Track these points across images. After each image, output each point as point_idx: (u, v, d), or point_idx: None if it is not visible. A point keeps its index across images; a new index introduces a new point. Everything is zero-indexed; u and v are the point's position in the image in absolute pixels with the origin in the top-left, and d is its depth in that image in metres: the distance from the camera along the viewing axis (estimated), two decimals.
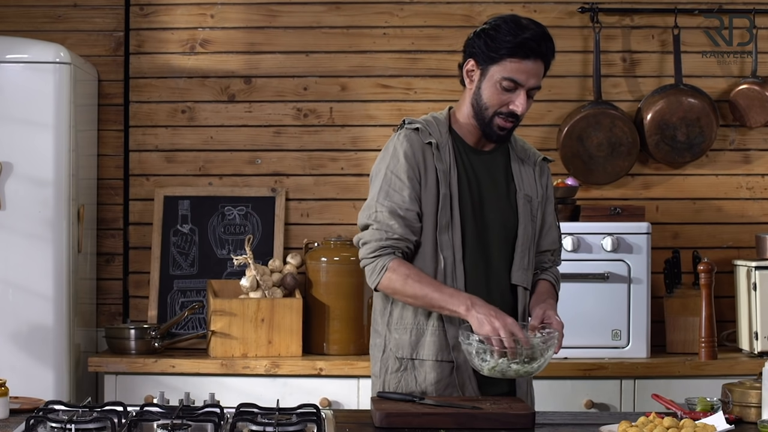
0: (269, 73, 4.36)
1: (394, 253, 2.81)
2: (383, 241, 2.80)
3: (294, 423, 2.42)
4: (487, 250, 2.88)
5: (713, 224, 4.39)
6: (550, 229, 3.01)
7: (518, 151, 2.98)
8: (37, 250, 3.82)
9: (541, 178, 2.98)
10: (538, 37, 2.79)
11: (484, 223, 2.87)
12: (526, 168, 2.96)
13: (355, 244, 2.90)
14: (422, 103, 4.34)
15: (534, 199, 2.94)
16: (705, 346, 3.97)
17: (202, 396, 2.76)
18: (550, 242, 3.01)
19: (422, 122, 2.90)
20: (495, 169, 2.92)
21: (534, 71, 2.80)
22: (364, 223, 2.87)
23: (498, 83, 2.80)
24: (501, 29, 2.79)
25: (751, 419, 2.63)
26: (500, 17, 2.84)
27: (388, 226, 2.80)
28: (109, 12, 4.36)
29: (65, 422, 2.36)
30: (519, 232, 2.90)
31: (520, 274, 2.90)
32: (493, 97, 2.82)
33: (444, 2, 4.36)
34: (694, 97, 4.27)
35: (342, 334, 4.03)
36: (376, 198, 2.84)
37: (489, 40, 2.80)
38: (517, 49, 2.77)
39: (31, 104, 3.82)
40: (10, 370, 3.53)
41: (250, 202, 4.33)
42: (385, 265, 2.79)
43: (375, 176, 2.90)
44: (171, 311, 4.23)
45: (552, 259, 3.04)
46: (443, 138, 2.88)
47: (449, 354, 2.84)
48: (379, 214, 2.82)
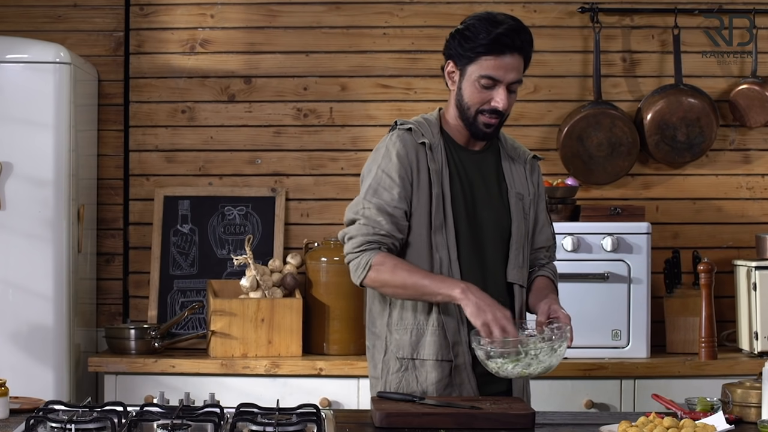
0: (269, 73, 4.36)
1: (380, 248, 2.81)
2: (370, 236, 2.81)
3: (294, 423, 2.42)
4: (482, 249, 2.88)
5: (713, 224, 4.39)
6: (544, 226, 3.02)
7: (508, 150, 2.98)
8: (37, 250, 3.82)
9: (532, 176, 2.99)
10: (511, 31, 2.78)
11: (477, 222, 2.88)
12: (516, 166, 2.96)
13: (339, 239, 2.90)
14: (422, 103, 4.34)
15: (526, 197, 2.95)
16: (705, 346, 3.97)
17: (202, 396, 2.75)
18: (544, 239, 3.02)
19: (414, 123, 2.91)
20: (486, 168, 2.93)
21: (511, 66, 2.79)
22: (350, 218, 2.87)
23: (476, 82, 2.81)
24: (474, 28, 2.80)
25: (751, 419, 2.63)
26: (474, 15, 2.85)
27: (375, 222, 2.81)
28: (109, 12, 4.36)
29: (65, 422, 2.36)
30: (513, 230, 2.90)
31: (515, 272, 2.91)
32: (474, 96, 2.83)
33: (444, 2, 4.36)
34: (694, 97, 4.27)
35: (342, 334, 4.03)
36: (365, 195, 2.85)
37: (463, 41, 2.81)
38: (491, 46, 2.77)
39: (31, 104, 3.82)
40: (10, 370, 3.53)
41: (250, 202, 4.33)
42: (370, 259, 2.79)
43: (366, 175, 2.91)
44: (171, 311, 4.23)
45: (547, 255, 3.05)
46: (435, 138, 2.89)
47: (449, 353, 2.84)
48: (367, 210, 2.83)
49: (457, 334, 2.83)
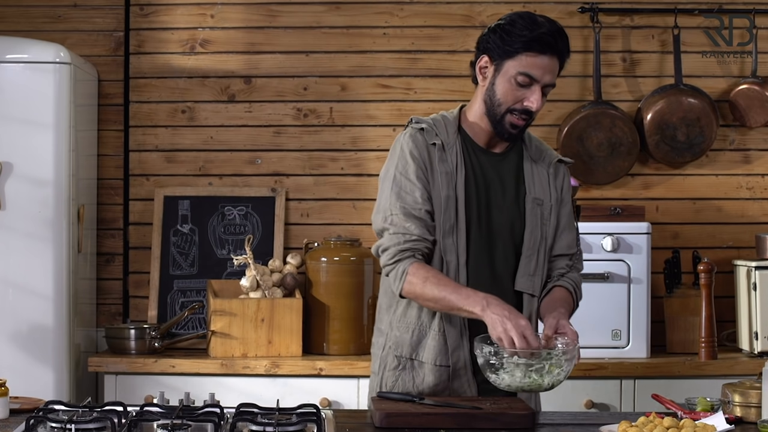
0: (269, 73, 4.36)
1: (414, 255, 2.76)
2: (402, 244, 2.75)
3: (294, 423, 2.42)
4: (493, 255, 2.83)
5: (713, 224, 4.39)
6: (564, 231, 2.91)
7: (532, 152, 2.91)
8: (37, 250, 3.82)
9: (556, 180, 2.91)
10: (554, 32, 2.74)
11: (490, 226, 2.82)
12: (539, 169, 2.89)
13: (374, 254, 2.84)
14: (422, 103, 4.34)
15: (546, 202, 2.86)
16: (705, 346, 3.97)
17: (202, 396, 2.75)
18: (565, 246, 2.92)
19: (429, 122, 2.86)
20: (505, 170, 2.87)
21: (549, 67, 2.74)
22: (380, 227, 2.82)
23: (513, 78, 2.75)
24: (517, 24, 2.75)
25: (751, 419, 2.63)
26: (515, 13, 2.80)
27: (404, 228, 2.76)
28: (109, 12, 4.36)
29: (65, 422, 2.36)
30: (525, 237, 2.84)
31: (524, 281, 2.84)
32: (508, 93, 2.77)
33: (444, 2, 4.36)
34: (694, 97, 4.27)
35: (342, 334, 4.03)
36: (389, 201, 2.79)
37: (505, 35, 2.75)
38: (533, 43, 2.72)
39: (31, 104, 3.82)
40: (10, 370, 3.53)
41: (250, 202, 4.33)
42: (405, 269, 2.73)
43: (384, 178, 2.86)
44: (171, 311, 4.23)
45: (570, 264, 2.93)
46: (450, 138, 2.84)
47: (448, 359, 2.81)
48: (395, 217, 2.78)
49: (459, 340, 2.80)
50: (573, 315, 2.87)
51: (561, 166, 2.94)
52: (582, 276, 2.98)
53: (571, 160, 3.00)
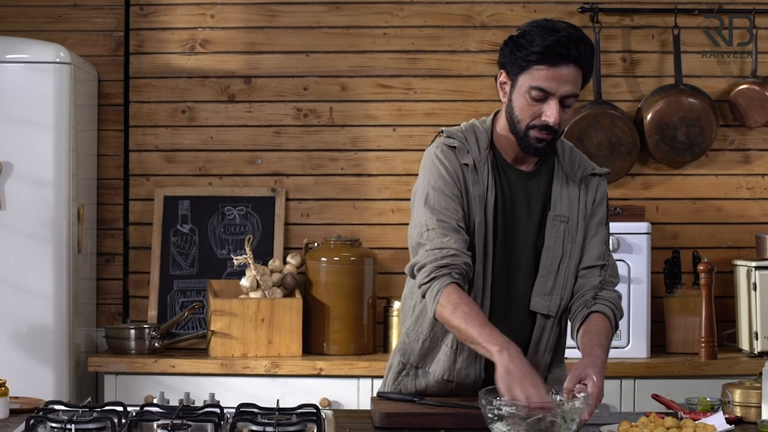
0: (269, 73, 4.36)
1: (451, 274, 2.57)
2: (439, 260, 2.58)
3: (294, 423, 2.42)
4: (514, 275, 2.72)
5: (713, 224, 4.39)
6: (591, 241, 2.75)
7: (565, 167, 2.76)
8: (37, 250, 3.82)
9: (587, 194, 2.76)
10: (568, 40, 2.55)
11: (514, 247, 2.72)
12: (569, 186, 2.74)
13: (408, 273, 2.68)
14: (422, 103, 4.34)
15: (571, 219, 2.72)
16: (705, 346, 3.97)
17: (202, 396, 2.75)
18: (595, 257, 2.74)
19: (461, 137, 2.71)
20: (533, 189, 2.74)
21: (566, 78, 2.56)
22: (415, 242, 2.66)
23: (527, 93, 2.59)
24: (529, 35, 2.58)
25: (751, 419, 2.62)
26: (532, 22, 2.63)
27: (441, 242, 2.60)
28: (109, 12, 4.36)
29: (65, 422, 2.36)
30: (542, 255, 2.72)
31: (539, 300, 2.72)
32: (524, 110, 2.61)
33: (444, 2, 4.36)
34: (694, 97, 4.27)
35: (342, 334, 4.03)
36: (425, 215, 2.66)
37: (516, 48, 2.60)
38: (544, 55, 2.55)
39: (31, 104, 3.82)
40: (10, 370, 3.53)
41: (250, 202, 4.33)
42: (440, 290, 2.56)
43: (418, 194, 2.74)
44: (171, 311, 4.23)
45: (602, 280, 2.74)
46: (482, 156, 2.69)
47: (456, 375, 2.75)
48: (431, 232, 2.62)
49: (471, 359, 2.74)
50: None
51: (591, 180, 2.79)
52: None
53: (606, 170, 2.84)
